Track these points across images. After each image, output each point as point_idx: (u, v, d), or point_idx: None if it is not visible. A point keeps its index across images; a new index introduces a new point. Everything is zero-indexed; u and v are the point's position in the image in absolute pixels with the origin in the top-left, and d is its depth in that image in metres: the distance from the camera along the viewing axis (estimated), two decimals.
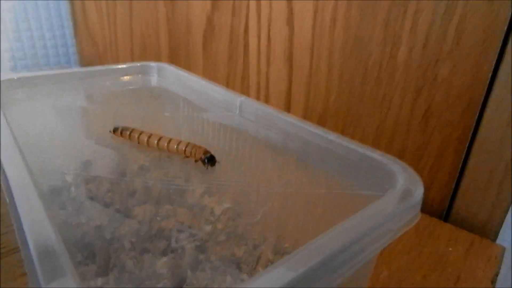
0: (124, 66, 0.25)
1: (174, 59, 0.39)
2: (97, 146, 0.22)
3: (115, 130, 0.20)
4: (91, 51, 0.54)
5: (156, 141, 0.19)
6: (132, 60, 0.46)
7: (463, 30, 0.20)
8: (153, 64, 0.25)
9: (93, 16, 0.50)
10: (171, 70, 0.25)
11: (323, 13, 0.25)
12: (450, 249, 0.20)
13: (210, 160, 0.17)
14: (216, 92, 0.22)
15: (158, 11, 0.39)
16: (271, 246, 0.17)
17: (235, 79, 0.33)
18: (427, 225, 0.22)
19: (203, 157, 0.18)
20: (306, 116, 0.28)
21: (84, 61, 0.57)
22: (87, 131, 0.23)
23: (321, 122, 0.27)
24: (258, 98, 0.32)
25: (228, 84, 0.33)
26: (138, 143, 0.20)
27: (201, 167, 0.20)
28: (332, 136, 0.15)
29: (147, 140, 0.19)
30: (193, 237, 0.18)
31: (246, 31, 0.31)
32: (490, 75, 0.20)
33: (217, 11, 0.32)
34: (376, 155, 0.13)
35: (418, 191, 0.12)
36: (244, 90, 0.32)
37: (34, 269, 0.09)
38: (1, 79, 0.20)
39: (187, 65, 0.37)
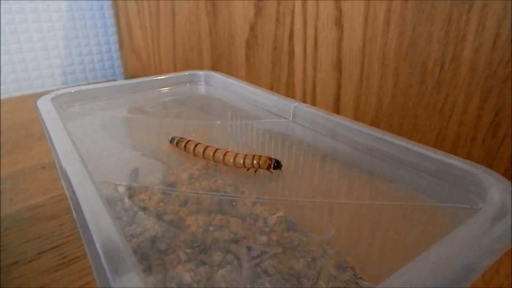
0: (172, 75, 0.25)
1: (216, 70, 0.39)
2: (147, 157, 0.22)
3: (171, 141, 0.20)
4: (135, 64, 0.55)
5: (211, 153, 0.19)
6: (176, 70, 0.46)
7: None
8: (200, 72, 0.25)
9: (137, 31, 0.51)
10: (218, 77, 0.25)
11: (375, 14, 0.24)
12: None
13: (277, 165, 0.17)
14: (266, 98, 0.21)
15: (201, 24, 0.39)
16: (332, 259, 0.16)
17: (279, 88, 0.32)
18: None
19: (270, 163, 0.17)
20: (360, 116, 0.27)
21: (129, 74, 0.59)
22: (139, 142, 0.23)
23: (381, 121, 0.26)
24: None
25: None
26: (194, 155, 0.19)
27: (251, 176, 0.19)
28: (402, 142, 0.14)
29: (203, 152, 0.19)
30: (248, 249, 0.17)
31: (291, 37, 0.30)
32: None
33: (260, 19, 0.32)
34: (458, 162, 0.12)
35: None
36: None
37: (102, 268, 0.08)
38: (60, 93, 0.21)
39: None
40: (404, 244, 0.09)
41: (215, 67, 0.39)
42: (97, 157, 0.20)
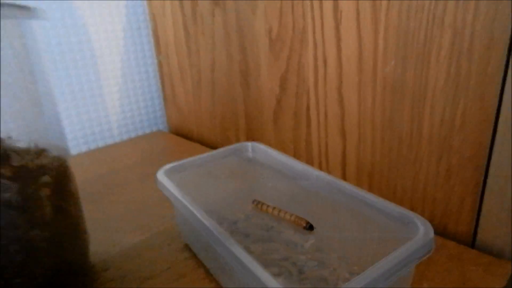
0: (231, 147, 0.37)
1: (249, 131, 0.51)
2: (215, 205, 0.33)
3: (253, 202, 0.32)
4: (178, 118, 0.68)
5: (277, 213, 0.30)
6: (215, 128, 0.58)
7: (466, 115, 0.29)
8: (248, 143, 0.37)
9: (180, 92, 0.64)
10: (261, 148, 0.36)
11: (365, 100, 0.36)
12: (473, 268, 0.29)
13: (310, 227, 0.28)
14: (297, 165, 0.32)
15: (236, 93, 0.51)
16: (347, 269, 0.27)
17: (300, 143, 0.44)
18: (458, 251, 0.31)
19: (306, 225, 0.28)
20: (358, 172, 0.38)
21: (171, 126, 0.71)
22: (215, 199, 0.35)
23: (370, 177, 0.37)
24: (319, 160, 0.42)
25: (294, 150, 0.44)
26: (267, 212, 0.31)
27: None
28: (371, 197, 0.25)
29: (271, 211, 0.30)
30: (294, 264, 0.28)
31: (307, 109, 0.42)
32: (489, 146, 0.29)
33: (284, 94, 0.44)
34: (402, 210, 0.23)
35: (431, 233, 0.21)
36: (308, 155, 0.43)
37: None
38: (167, 167, 0.33)
39: (261, 136, 0.49)
40: (381, 256, 0.20)
41: (248, 128, 0.51)
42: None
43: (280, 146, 0.47)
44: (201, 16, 0.53)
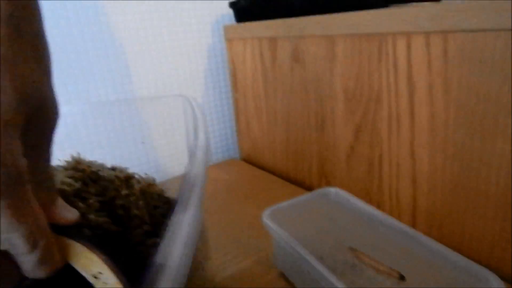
0: (317, 192, 0.44)
1: (321, 169, 0.58)
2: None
3: (350, 249, 0.38)
4: (250, 149, 0.77)
5: (369, 261, 0.37)
6: (288, 162, 0.66)
7: None
8: (332, 189, 0.44)
9: (254, 125, 0.73)
10: (342, 193, 0.43)
11: (436, 155, 0.41)
12: None
13: (402, 278, 0.34)
14: (377, 213, 0.39)
15: (311, 136, 0.59)
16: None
17: (372, 190, 0.50)
18: None
19: (398, 276, 0.34)
20: (428, 217, 0.44)
21: (244, 156, 0.80)
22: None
23: (440, 223, 0.43)
24: (390, 204, 0.48)
25: (366, 192, 0.51)
26: (361, 260, 0.38)
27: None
28: (445, 250, 0.31)
29: (367, 262, 0.37)
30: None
31: (380, 158, 0.48)
32: None
33: (357, 142, 0.51)
34: (475, 266, 0.29)
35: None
36: (379, 197, 0.49)
37: None
38: (269, 210, 0.41)
39: (333, 175, 0.56)
40: None
41: (320, 167, 0.58)
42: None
43: (352, 186, 0.53)
44: (280, 68, 0.61)
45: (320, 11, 0.52)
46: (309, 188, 0.62)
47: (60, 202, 0.23)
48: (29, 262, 0.19)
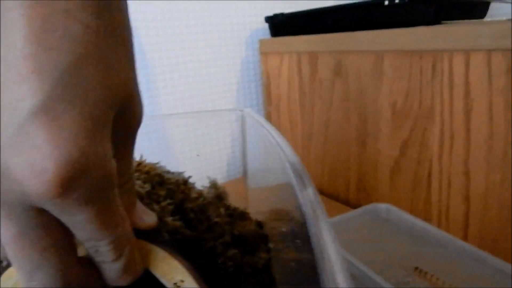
0: (366, 208, 0.43)
1: (361, 185, 0.57)
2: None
3: (416, 269, 0.38)
4: None
5: (435, 280, 0.36)
6: (323, 176, 0.66)
7: None
8: (382, 205, 0.44)
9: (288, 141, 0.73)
10: (395, 210, 0.43)
11: (493, 174, 0.41)
12: None
13: None
14: (434, 231, 0.38)
15: (350, 151, 0.58)
16: None
17: (418, 205, 0.50)
18: None
19: None
20: (481, 235, 0.43)
21: None
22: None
23: (495, 242, 0.42)
24: (439, 219, 0.47)
25: (411, 207, 0.50)
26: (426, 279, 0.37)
27: None
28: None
29: (430, 278, 0.36)
30: None
31: (429, 175, 0.47)
32: None
33: (403, 158, 0.50)
34: None
35: None
36: (426, 213, 0.48)
37: None
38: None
39: (374, 191, 0.55)
40: None
41: (360, 181, 0.58)
42: None
43: (395, 201, 0.53)
44: (319, 82, 0.61)
45: (363, 28, 0.52)
46: (345, 203, 0.61)
47: (140, 205, 0.22)
48: (113, 271, 0.18)
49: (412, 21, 0.48)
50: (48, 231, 0.16)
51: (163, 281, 0.21)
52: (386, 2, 0.51)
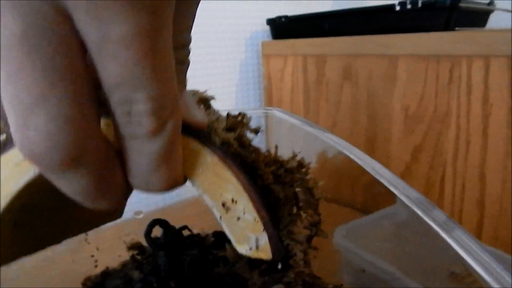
0: (386, 210, 0.43)
1: (369, 189, 0.57)
2: None
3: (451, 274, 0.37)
4: None
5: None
6: (328, 181, 0.65)
7: None
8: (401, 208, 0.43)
9: None
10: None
11: (510, 181, 0.41)
12: None
13: None
14: None
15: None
16: None
17: None
18: None
19: None
20: (496, 240, 0.43)
21: None
22: None
23: (504, 245, 0.42)
24: None
25: None
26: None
27: None
28: None
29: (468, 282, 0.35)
30: None
31: (442, 180, 0.48)
32: None
33: (415, 163, 0.50)
34: None
35: None
36: None
37: None
38: (341, 228, 0.39)
39: (383, 196, 0.55)
40: None
41: (369, 184, 0.57)
42: None
43: None
44: (326, 85, 0.60)
45: (372, 33, 0.52)
46: (352, 207, 0.60)
47: (187, 95, 0.16)
48: (146, 157, 0.12)
49: (424, 27, 0.48)
50: (66, 48, 0.10)
51: (206, 197, 0.15)
52: (398, 8, 0.52)
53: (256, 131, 0.23)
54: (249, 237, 0.15)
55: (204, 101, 0.26)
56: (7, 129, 0.14)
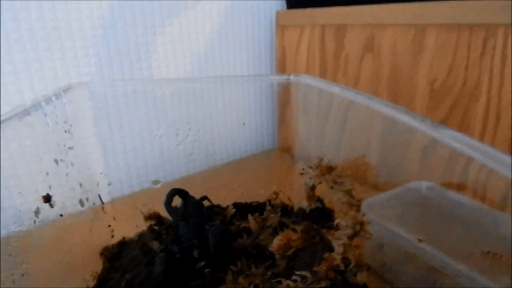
0: (407, 186, 0.41)
1: (387, 164, 0.55)
2: None
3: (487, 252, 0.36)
4: (293, 142, 0.73)
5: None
6: (339, 157, 0.63)
7: None
8: (424, 183, 0.42)
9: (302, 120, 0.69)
10: (437, 188, 0.41)
11: None
12: None
13: None
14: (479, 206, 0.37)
15: (377, 129, 0.56)
16: None
17: (451, 187, 0.48)
18: None
19: None
20: None
21: (284, 147, 0.77)
22: None
23: None
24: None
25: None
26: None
27: None
28: None
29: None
30: None
31: (468, 158, 0.46)
32: None
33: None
34: None
35: None
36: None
37: None
38: (367, 202, 0.38)
39: (402, 171, 0.54)
40: None
41: (387, 158, 0.56)
42: None
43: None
44: (345, 58, 0.58)
45: (397, 0, 0.49)
46: (365, 183, 0.59)
47: None
48: None
49: None
50: None
51: None
52: None
53: None
54: None
55: None
56: None
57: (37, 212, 0.25)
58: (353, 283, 0.23)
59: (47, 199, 0.25)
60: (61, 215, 0.27)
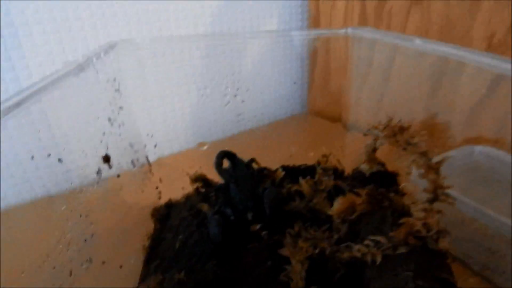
0: (459, 150, 0.40)
1: (431, 125, 0.53)
2: None
3: None
4: (326, 105, 0.71)
5: None
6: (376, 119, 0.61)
7: None
8: (477, 147, 0.40)
9: (335, 81, 0.67)
10: (491, 152, 0.39)
11: None
12: None
13: None
14: None
15: (421, 90, 0.53)
16: None
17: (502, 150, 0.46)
18: None
19: None
20: None
21: (317, 110, 0.75)
22: None
23: None
24: None
25: None
26: None
27: None
28: None
29: None
30: None
31: None
32: None
33: (492, 99, 0.46)
34: None
35: None
36: None
37: None
38: None
39: (447, 133, 0.51)
40: None
41: (429, 124, 0.53)
42: None
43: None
44: (389, 11, 0.54)
45: None
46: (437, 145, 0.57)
47: None
48: None
49: None
50: None
51: None
52: None
53: None
54: None
55: None
56: None
57: (98, 172, 0.24)
58: (434, 250, 0.22)
59: (107, 159, 0.25)
60: (118, 175, 0.27)
